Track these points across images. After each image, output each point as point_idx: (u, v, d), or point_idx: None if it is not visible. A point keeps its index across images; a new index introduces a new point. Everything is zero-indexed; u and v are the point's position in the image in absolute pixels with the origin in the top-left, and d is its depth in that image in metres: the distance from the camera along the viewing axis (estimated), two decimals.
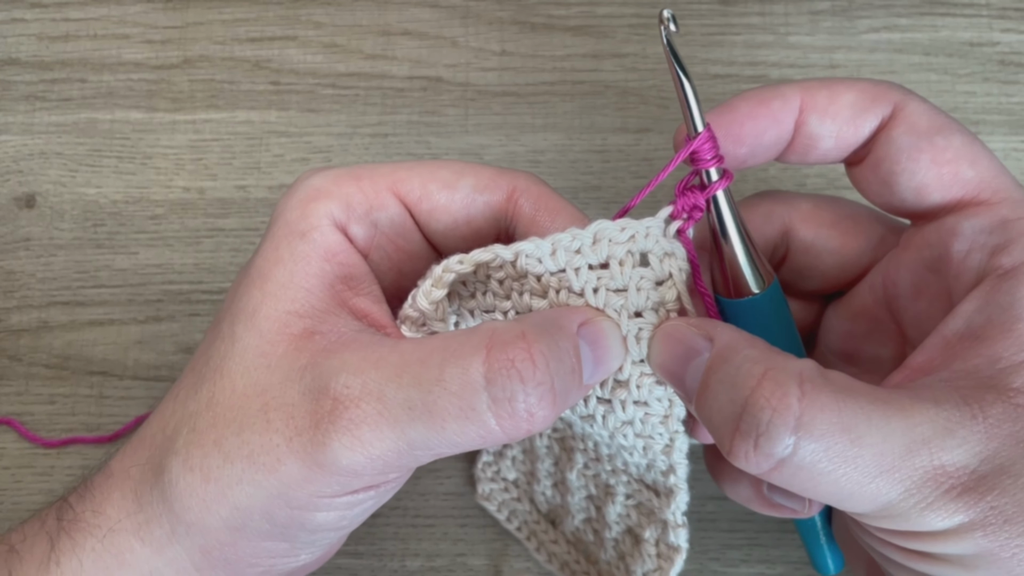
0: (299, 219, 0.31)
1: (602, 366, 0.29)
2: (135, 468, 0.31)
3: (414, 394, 0.26)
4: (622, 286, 0.29)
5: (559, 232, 0.29)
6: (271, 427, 0.28)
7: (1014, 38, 0.50)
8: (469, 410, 0.26)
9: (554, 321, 0.28)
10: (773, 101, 0.31)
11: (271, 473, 0.28)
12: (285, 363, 0.29)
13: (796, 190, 0.48)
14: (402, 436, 0.27)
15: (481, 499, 0.43)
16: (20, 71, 0.51)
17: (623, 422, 0.31)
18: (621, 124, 0.50)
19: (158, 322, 0.47)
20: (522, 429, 0.27)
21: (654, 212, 0.30)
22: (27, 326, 0.47)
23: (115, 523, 0.30)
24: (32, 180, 0.50)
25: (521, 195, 0.32)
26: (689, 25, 0.51)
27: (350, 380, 0.27)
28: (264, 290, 0.30)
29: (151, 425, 0.32)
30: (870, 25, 0.51)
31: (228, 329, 0.30)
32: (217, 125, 0.50)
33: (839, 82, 0.31)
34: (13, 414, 0.46)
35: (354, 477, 0.27)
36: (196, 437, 0.29)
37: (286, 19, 0.52)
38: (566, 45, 0.51)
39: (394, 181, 0.32)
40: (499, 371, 0.26)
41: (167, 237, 0.49)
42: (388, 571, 0.44)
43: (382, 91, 0.51)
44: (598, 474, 0.37)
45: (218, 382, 0.30)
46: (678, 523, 0.34)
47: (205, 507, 0.29)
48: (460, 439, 0.27)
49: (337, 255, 0.31)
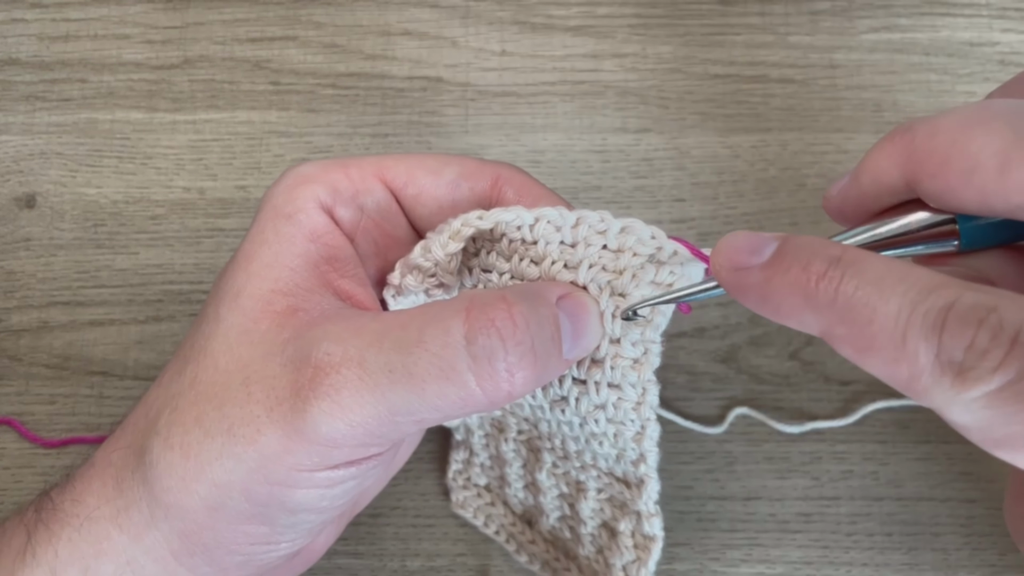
0: (285, 203, 0.32)
1: (580, 340, 0.29)
2: (116, 454, 0.30)
3: (394, 357, 0.26)
4: (619, 269, 0.30)
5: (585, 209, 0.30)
6: (252, 399, 0.28)
7: (1014, 38, 0.50)
8: (449, 370, 0.26)
9: (534, 291, 0.29)
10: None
11: (250, 445, 0.27)
12: (268, 338, 0.29)
13: (796, 190, 0.48)
14: (382, 400, 0.26)
15: (456, 507, 0.43)
16: (20, 71, 0.51)
17: (596, 406, 0.31)
18: (621, 124, 0.50)
19: (158, 322, 0.47)
20: (503, 391, 0.26)
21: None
22: (27, 326, 0.47)
23: (93, 511, 0.29)
24: (32, 180, 0.50)
25: (505, 183, 0.33)
26: (689, 25, 0.51)
27: (331, 348, 0.27)
28: (249, 271, 0.30)
29: (135, 412, 0.32)
30: (870, 25, 0.51)
31: (212, 312, 0.31)
32: (217, 125, 0.50)
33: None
34: (13, 414, 0.46)
35: (334, 447, 0.27)
36: (177, 416, 0.29)
37: (286, 19, 0.52)
38: (566, 45, 0.51)
39: (380, 168, 0.33)
40: (480, 330, 0.26)
41: (167, 237, 0.49)
42: (388, 571, 0.44)
43: (382, 91, 0.51)
44: (568, 472, 0.38)
45: (201, 362, 0.30)
46: (651, 512, 0.35)
47: (184, 486, 0.28)
48: (441, 401, 0.26)
49: (322, 236, 0.31)
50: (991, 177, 0.24)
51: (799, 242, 0.25)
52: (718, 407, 0.45)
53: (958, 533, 0.43)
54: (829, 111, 0.49)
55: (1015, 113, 0.25)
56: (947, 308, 0.22)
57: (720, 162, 0.49)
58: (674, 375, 0.45)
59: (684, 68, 0.50)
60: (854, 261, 0.24)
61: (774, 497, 0.44)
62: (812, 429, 0.44)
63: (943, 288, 0.22)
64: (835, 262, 0.24)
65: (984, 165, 0.24)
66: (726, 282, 0.27)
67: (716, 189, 0.48)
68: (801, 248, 0.25)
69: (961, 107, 0.26)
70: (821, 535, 0.43)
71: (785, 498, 0.44)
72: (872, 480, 0.44)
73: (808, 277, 0.24)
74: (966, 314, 0.21)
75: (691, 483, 0.44)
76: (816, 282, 0.24)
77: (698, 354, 0.46)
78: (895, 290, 0.23)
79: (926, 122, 0.26)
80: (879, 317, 0.23)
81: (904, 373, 0.22)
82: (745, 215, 0.48)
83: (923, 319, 0.22)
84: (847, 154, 0.48)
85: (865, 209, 0.29)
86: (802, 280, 0.24)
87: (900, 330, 0.22)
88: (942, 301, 0.22)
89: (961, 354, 0.21)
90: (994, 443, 0.22)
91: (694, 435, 0.45)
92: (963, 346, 0.21)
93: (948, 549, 0.43)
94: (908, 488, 0.44)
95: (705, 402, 0.45)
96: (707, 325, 0.46)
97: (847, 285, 0.23)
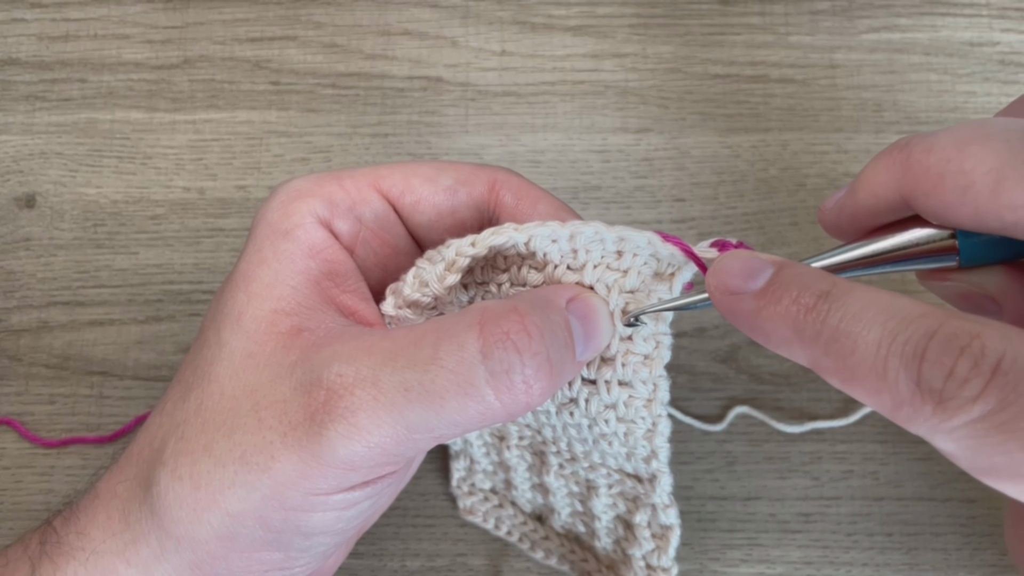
0: (281, 219, 0.31)
1: (592, 341, 0.29)
2: (121, 485, 0.30)
3: (410, 375, 0.26)
4: (623, 269, 0.30)
5: (547, 219, 0.30)
6: (263, 425, 0.27)
7: (1014, 38, 0.50)
8: (467, 386, 0.26)
9: (543, 297, 0.28)
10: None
11: (264, 472, 0.27)
12: (274, 361, 0.28)
13: (796, 190, 0.48)
14: (400, 419, 0.26)
15: (465, 514, 0.43)
16: (20, 71, 0.51)
17: (607, 406, 0.31)
18: (621, 124, 0.50)
19: (158, 322, 0.47)
20: (521, 402, 0.26)
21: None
22: (27, 326, 0.47)
23: (99, 544, 0.29)
24: (32, 180, 0.50)
25: (502, 186, 0.33)
26: (689, 25, 0.51)
27: (343, 369, 0.26)
28: (249, 292, 0.30)
29: (138, 441, 0.31)
30: (870, 25, 0.51)
31: (214, 335, 0.30)
32: (217, 125, 0.50)
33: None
34: (13, 414, 0.46)
35: (351, 469, 0.27)
36: (184, 445, 0.28)
37: (286, 19, 0.52)
38: (566, 45, 0.51)
39: (376, 178, 0.33)
40: (495, 344, 0.26)
41: (167, 237, 0.48)
42: (388, 571, 0.44)
43: (382, 91, 0.51)
44: (576, 472, 0.37)
45: (206, 388, 0.29)
46: (666, 503, 0.35)
47: (195, 516, 0.28)
48: (460, 417, 0.26)
49: (322, 252, 0.31)
50: (985, 195, 0.24)
51: (792, 272, 0.25)
52: (718, 407, 0.45)
53: (958, 533, 0.43)
54: (829, 111, 0.49)
55: (1011, 132, 0.25)
56: (928, 336, 0.22)
57: (720, 162, 0.49)
58: (674, 375, 0.45)
59: (684, 68, 0.50)
60: (841, 294, 0.24)
61: (774, 497, 0.44)
62: (812, 429, 0.44)
63: (925, 317, 0.22)
64: (824, 296, 0.24)
65: (978, 183, 0.24)
66: (720, 304, 0.27)
67: (716, 189, 0.48)
68: (793, 279, 0.25)
69: (959, 125, 0.26)
70: (821, 535, 0.43)
71: (785, 498, 0.44)
72: (872, 480, 0.44)
73: (798, 309, 0.24)
74: (947, 342, 0.21)
75: (691, 483, 0.44)
76: (805, 315, 0.24)
77: (698, 354, 0.46)
78: (876, 320, 0.23)
79: (923, 139, 0.26)
80: (860, 347, 0.23)
81: (887, 402, 0.22)
82: (745, 215, 0.48)
83: (903, 348, 0.22)
84: (847, 154, 0.48)
85: (861, 224, 0.29)
86: (792, 312, 0.24)
87: (881, 359, 0.22)
88: (923, 329, 0.22)
89: (941, 382, 0.21)
90: (981, 472, 0.22)
91: (694, 435, 0.45)
92: (943, 374, 0.21)
93: (948, 549, 0.43)
94: (908, 488, 0.44)
95: (705, 402, 0.45)
96: (707, 325, 0.46)
97: (832, 317, 0.24)
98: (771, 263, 0.26)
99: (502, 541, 0.44)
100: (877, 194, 0.28)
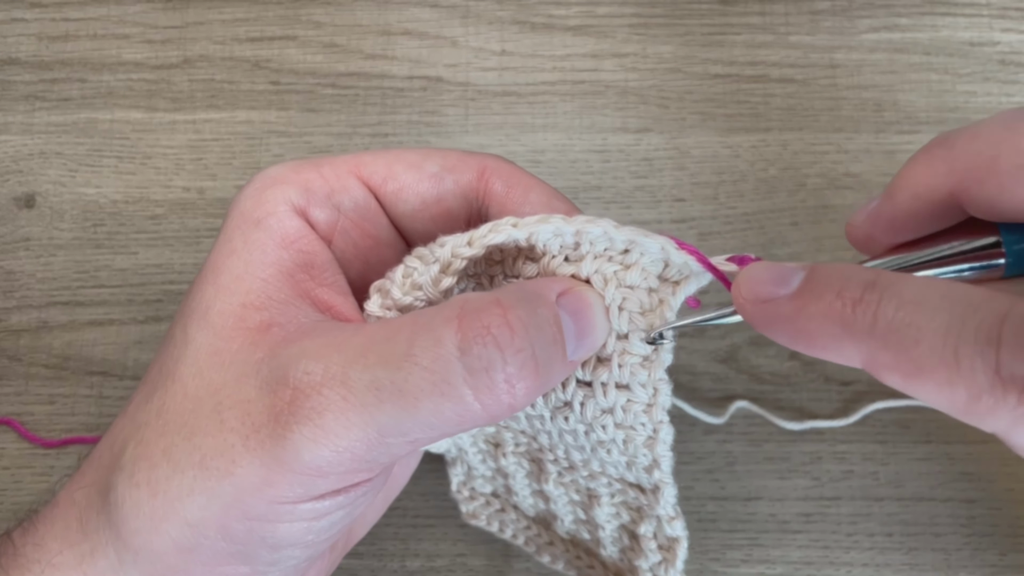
0: (254, 207, 0.29)
1: (585, 339, 0.27)
2: (80, 492, 0.28)
3: (381, 374, 0.24)
4: (627, 264, 0.28)
5: (542, 214, 0.28)
6: (225, 427, 0.25)
7: (1014, 38, 0.50)
8: (443, 384, 0.23)
9: (531, 290, 0.26)
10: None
11: (225, 478, 0.25)
12: (240, 359, 0.26)
13: (796, 190, 0.48)
14: (371, 422, 0.24)
15: (469, 518, 0.42)
16: (20, 71, 0.51)
17: (603, 410, 0.29)
18: (621, 124, 0.50)
19: (158, 322, 0.47)
20: (503, 403, 0.24)
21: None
22: (27, 326, 0.47)
23: (55, 556, 0.27)
24: (32, 180, 0.50)
25: (492, 174, 0.31)
26: (689, 25, 0.51)
27: (311, 366, 0.24)
28: (217, 284, 0.28)
29: (99, 445, 0.29)
30: (870, 25, 0.51)
31: (180, 332, 0.28)
32: (217, 125, 0.50)
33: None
34: (13, 414, 0.46)
35: (319, 476, 0.25)
36: (143, 449, 0.26)
37: (286, 19, 0.52)
38: (566, 45, 0.51)
39: (357, 165, 0.31)
40: (474, 339, 0.24)
41: (167, 237, 0.48)
42: (388, 571, 0.43)
43: (382, 91, 0.51)
44: (575, 480, 0.36)
45: (169, 388, 0.27)
46: (671, 515, 0.33)
47: (153, 526, 0.25)
48: (436, 419, 0.24)
49: (296, 242, 0.29)
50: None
51: (829, 269, 0.24)
52: (718, 407, 0.45)
53: (958, 533, 0.43)
54: (829, 111, 0.49)
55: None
56: (1000, 320, 0.20)
57: (720, 162, 0.49)
58: (674, 375, 0.45)
59: (684, 68, 0.50)
60: (891, 283, 0.22)
61: (774, 497, 0.44)
62: (812, 429, 0.44)
63: (992, 300, 0.20)
64: (870, 286, 0.22)
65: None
66: (752, 316, 0.25)
67: (716, 189, 0.48)
68: (832, 274, 0.23)
69: (996, 114, 0.25)
70: (821, 535, 0.43)
71: (785, 498, 0.44)
72: (872, 480, 0.44)
73: (843, 304, 0.22)
74: (1023, 324, 0.20)
75: (691, 483, 0.44)
76: (853, 308, 0.22)
77: (698, 354, 0.46)
78: (940, 306, 0.21)
79: (963, 130, 0.25)
80: (926, 336, 0.21)
81: (962, 395, 0.20)
82: (745, 215, 0.48)
83: (975, 334, 0.20)
84: (847, 154, 0.48)
85: (900, 232, 0.27)
86: (837, 307, 0.22)
87: (951, 348, 0.20)
88: (994, 313, 0.20)
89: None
90: None
91: (694, 435, 0.45)
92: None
93: (948, 549, 0.43)
94: (908, 488, 0.44)
95: (705, 402, 0.45)
96: (707, 325, 0.46)
97: (886, 307, 0.21)
98: (801, 267, 0.24)
99: (503, 542, 0.44)
100: (919, 194, 0.26)
